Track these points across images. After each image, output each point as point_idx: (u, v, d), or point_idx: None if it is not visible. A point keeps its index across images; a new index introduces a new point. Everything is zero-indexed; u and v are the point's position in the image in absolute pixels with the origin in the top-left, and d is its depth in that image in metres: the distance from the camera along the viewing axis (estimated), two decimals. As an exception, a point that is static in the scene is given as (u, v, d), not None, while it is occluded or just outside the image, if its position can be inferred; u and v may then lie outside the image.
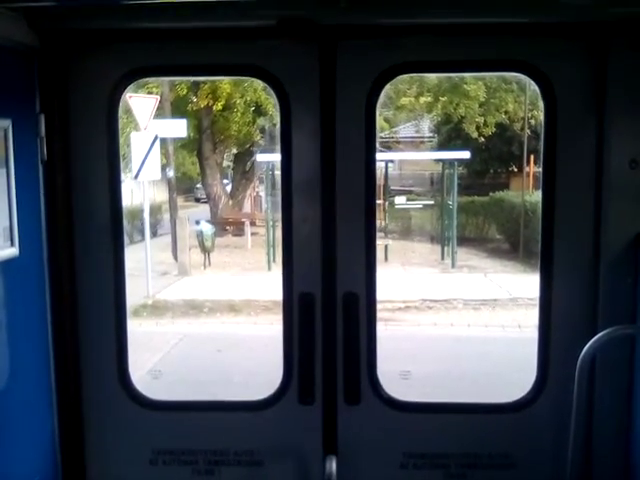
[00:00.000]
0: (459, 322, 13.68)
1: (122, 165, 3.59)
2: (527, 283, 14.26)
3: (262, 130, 23.86)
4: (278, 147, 3.54)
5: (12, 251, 3.12)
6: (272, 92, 3.47)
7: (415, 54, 3.44)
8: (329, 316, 3.49)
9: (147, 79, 14.07)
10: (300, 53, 3.38)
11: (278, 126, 3.52)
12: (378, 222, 25.35)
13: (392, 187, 26.67)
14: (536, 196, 19.07)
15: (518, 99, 22.49)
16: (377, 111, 3.47)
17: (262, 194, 27.49)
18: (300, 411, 3.56)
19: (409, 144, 32.32)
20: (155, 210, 21.49)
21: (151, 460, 3.65)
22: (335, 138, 3.45)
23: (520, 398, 3.65)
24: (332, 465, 3.34)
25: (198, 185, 32.88)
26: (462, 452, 3.62)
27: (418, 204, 25.67)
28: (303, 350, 3.51)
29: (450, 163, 21.89)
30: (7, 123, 3.08)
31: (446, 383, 9.48)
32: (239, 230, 23.79)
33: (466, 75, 23.46)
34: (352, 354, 3.51)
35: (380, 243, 21.19)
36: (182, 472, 3.65)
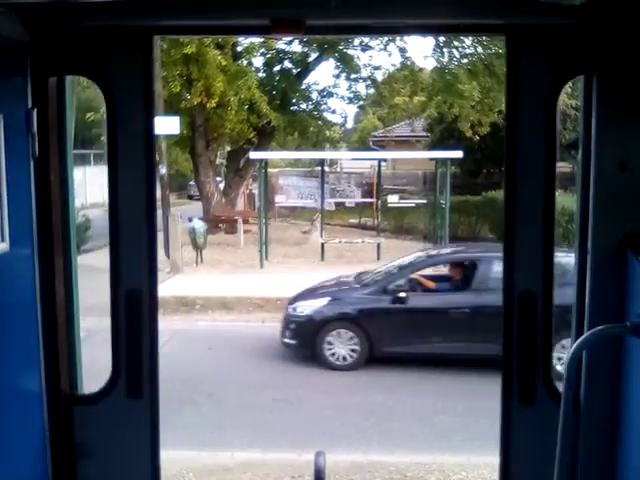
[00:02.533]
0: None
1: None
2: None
3: (255, 128, 23.83)
4: (272, 145, 3.53)
5: (2, 246, 3.12)
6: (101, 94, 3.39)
7: None
8: (505, 316, 3.47)
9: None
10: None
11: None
12: (370, 220, 25.44)
13: (385, 186, 26.71)
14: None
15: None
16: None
17: (255, 192, 27.46)
18: (128, 405, 3.51)
19: (403, 143, 32.38)
20: (147, 207, 21.43)
21: None
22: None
23: None
24: (321, 460, 3.35)
25: (191, 182, 32.82)
26: None
27: (411, 203, 25.72)
28: (130, 345, 3.48)
29: (443, 162, 21.96)
30: (-2, 118, 3.08)
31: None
32: (232, 228, 23.79)
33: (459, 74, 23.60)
34: (528, 353, 3.47)
35: (372, 242, 21.24)
36: None
